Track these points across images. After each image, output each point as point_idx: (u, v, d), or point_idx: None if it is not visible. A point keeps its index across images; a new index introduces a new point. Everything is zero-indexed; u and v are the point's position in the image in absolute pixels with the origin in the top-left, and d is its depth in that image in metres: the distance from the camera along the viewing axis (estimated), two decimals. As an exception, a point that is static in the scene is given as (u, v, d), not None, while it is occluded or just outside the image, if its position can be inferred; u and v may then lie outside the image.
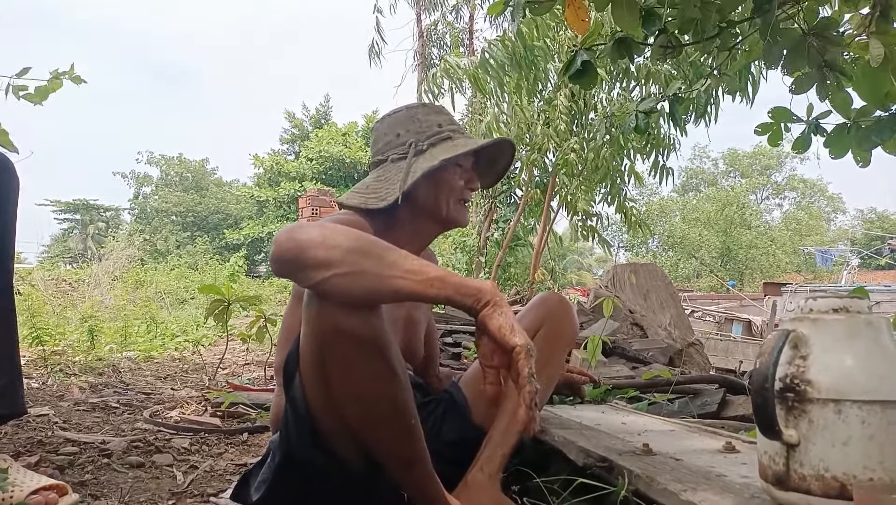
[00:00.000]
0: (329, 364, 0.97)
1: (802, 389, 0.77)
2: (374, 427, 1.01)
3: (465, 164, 1.34)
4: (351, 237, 0.90)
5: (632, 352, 3.37)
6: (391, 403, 0.98)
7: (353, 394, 0.98)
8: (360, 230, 0.96)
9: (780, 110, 1.90)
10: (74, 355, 3.88)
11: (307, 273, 0.89)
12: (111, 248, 12.12)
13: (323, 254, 0.88)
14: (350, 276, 0.88)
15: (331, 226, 0.93)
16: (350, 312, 0.91)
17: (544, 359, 1.30)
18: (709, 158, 37.47)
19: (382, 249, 0.91)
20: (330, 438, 1.06)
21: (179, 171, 31.29)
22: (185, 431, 2.05)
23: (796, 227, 32.21)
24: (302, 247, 0.89)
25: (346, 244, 0.89)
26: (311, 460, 1.07)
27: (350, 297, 0.90)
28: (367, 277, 0.88)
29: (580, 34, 1.92)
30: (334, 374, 0.97)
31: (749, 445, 1.23)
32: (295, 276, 0.92)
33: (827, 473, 0.75)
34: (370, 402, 0.98)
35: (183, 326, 6.32)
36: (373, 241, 0.92)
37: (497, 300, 0.91)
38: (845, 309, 0.82)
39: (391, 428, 1.00)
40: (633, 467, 1.01)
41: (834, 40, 1.72)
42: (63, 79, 2.36)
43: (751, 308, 13.56)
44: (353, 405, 0.99)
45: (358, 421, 1.01)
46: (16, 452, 1.65)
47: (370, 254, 0.89)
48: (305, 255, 0.88)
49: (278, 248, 0.91)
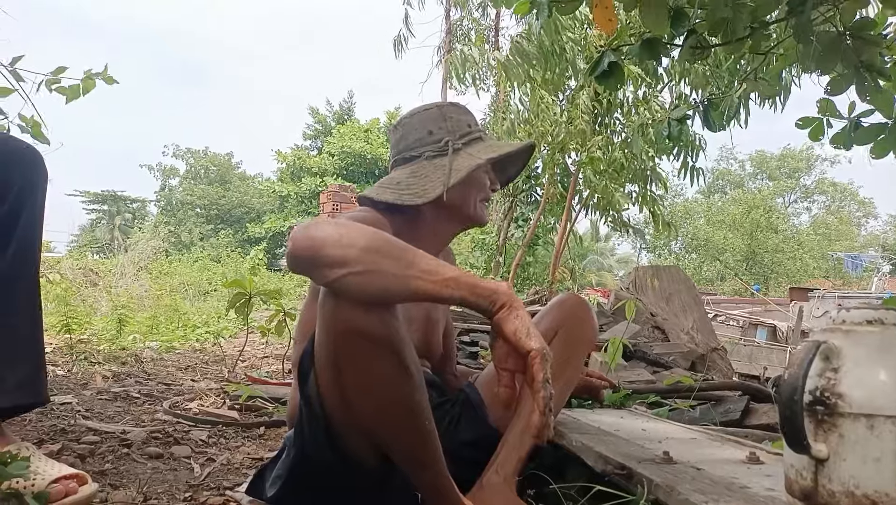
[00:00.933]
0: (343, 363, 0.96)
1: (833, 403, 0.74)
2: (388, 427, 1.00)
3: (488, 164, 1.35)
4: (368, 236, 0.90)
5: (653, 356, 3.33)
6: (405, 403, 0.98)
7: (368, 394, 0.97)
8: (378, 228, 0.95)
9: (826, 104, 1.87)
10: (99, 344, 3.95)
11: (322, 271, 0.88)
12: (137, 239, 12.33)
13: (339, 252, 0.87)
14: (366, 274, 0.87)
15: (348, 223, 0.92)
16: (365, 311, 0.91)
17: (563, 362, 1.28)
18: (735, 160, 36.93)
19: (399, 249, 0.90)
20: (344, 436, 1.05)
21: (205, 164, 31.75)
22: (204, 424, 2.07)
23: (825, 232, 31.58)
24: (318, 244, 0.88)
25: (362, 242, 0.88)
26: (324, 459, 1.07)
27: (365, 295, 0.89)
28: (383, 277, 0.88)
29: (608, 34, 1.89)
30: (348, 373, 0.97)
31: (774, 456, 1.19)
32: (310, 273, 0.91)
33: (857, 490, 0.72)
34: (384, 402, 0.97)
35: (205, 317, 6.40)
36: (390, 240, 0.91)
37: (513, 303, 0.90)
38: (880, 321, 0.79)
39: (405, 429, 1.00)
40: (653, 476, 0.99)
41: (871, 40, 1.68)
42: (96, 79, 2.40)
43: (776, 313, 13.33)
44: (368, 405, 0.99)
45: (372, 421, 1.00)
46: (39, 440, 1.68)
47: (387, 253, 0.89)
48: (321, 252, 0.88)
49: (294, 245, 0.90)
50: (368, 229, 0.92)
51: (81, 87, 2.37)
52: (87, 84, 2.37)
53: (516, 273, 7.99)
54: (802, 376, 0.74)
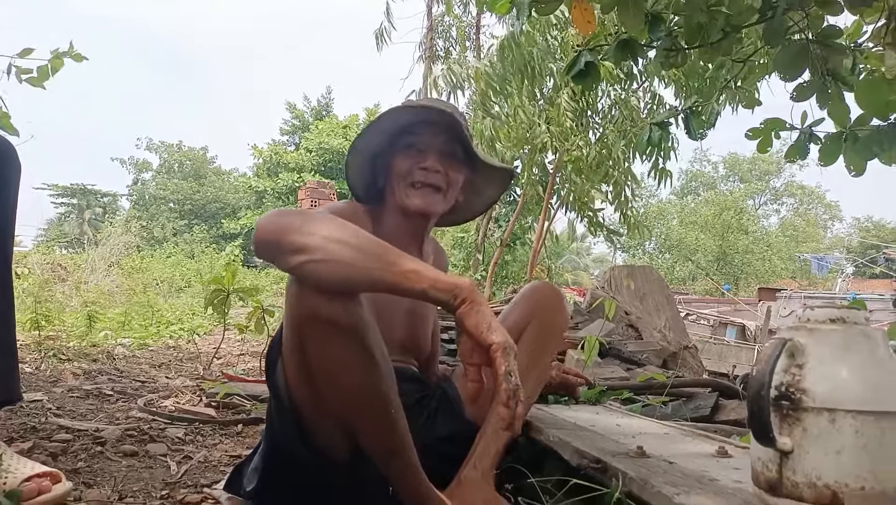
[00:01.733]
0: (308, 348, 0.98)
1: (798, 398, 0.78)
2: (355, 414, 1.01)
3: (418, 145, 1.27)
4: (331, 226, 0.91)
5: (627, 353, 3.38)
6: (370, 391, 0.99)
7: (332, 380, 0.99)
8: (353, 221, 0.97)
9: (772, 120, 1.92)
10: (69, 340, 3.88)
11: (285, 257, 0.91)
12: (108, 234, 12.08)
13: (301, 239, 0.89)
14: (326, 262, 0.89)
15: (314, 214, 0.94)
16: (328, 299, 0.92)
17: (536, 351, 1.29)
18: (709, 162, 37.55)
19: (363, 240, 0.92)
20: (314, 426, 1.06)
21: (179, 158, 31.21)
22: (180, 421, 2.05)
23: (793, 234, 32.32)
24: (281, 231, 0.91)
25: (324, 232, 0.90)
26: (295, 450, 1.08)
27: (326, 283, 0.91)
28: (344, 266, 0.89)
29: (585, 35, 1.92)
30: (313, 359, 0.98)
31: (742, 450, 1.23)
32: (274, 258, 0.93)
33: (819, 481, 0.76)
34: (348, 389, 0.98)
35: (179, 314, 6.31)
36: (354, 231, 0.93)
37: (474, 298, 0.91)
38: (842, 319, 0.82)
39: (371, 416, 1.01)
40: (627, 469, 1.02)
41: (837, 48, 1.73)
42: (64, 58, 2.34)
43: (745, 312, 13.62)
44: (333, 391, 1.00)
45: (339, 407, 1.02)
46: (9, 438, 1.65)
47: (349, 243, 0.90)
48: (284, 238, 0.90)
49: (259, 231, 0.93)
50: (334, 220, 0.93)
51: (50, 66, 2.31)
52: (55, 63, 2.32)
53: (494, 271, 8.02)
54: (769, 372, 0.77)
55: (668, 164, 6.02)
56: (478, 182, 1.40)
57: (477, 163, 1.35)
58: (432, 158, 1.27)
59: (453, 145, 1.30)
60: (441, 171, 1.27)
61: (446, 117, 1.27)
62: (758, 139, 1.96)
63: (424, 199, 1.27)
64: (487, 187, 1.42)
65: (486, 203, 1.46)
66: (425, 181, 1.26)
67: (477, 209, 1.47)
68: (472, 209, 1.46)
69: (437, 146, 1.28)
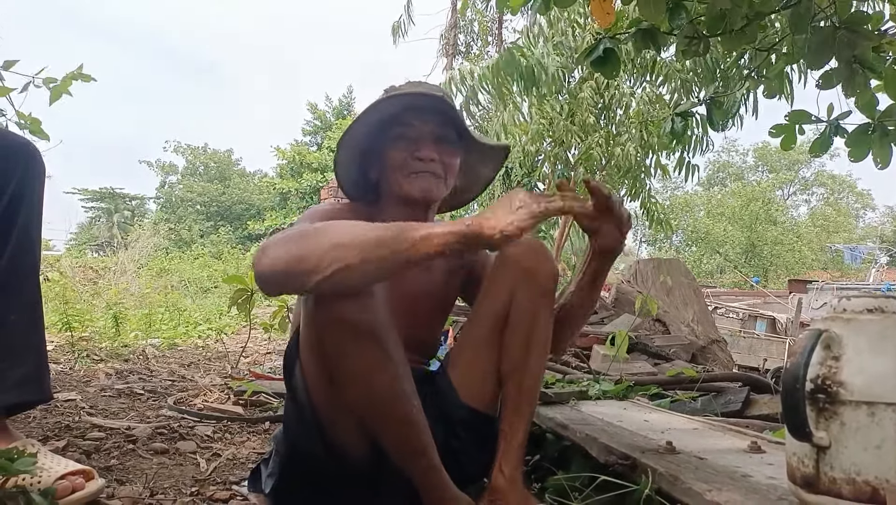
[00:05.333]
0: (328, 351, 0.98)
1: (834, 391, 0.75)
2: (376, 415, 1.01)
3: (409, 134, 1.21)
4: (327, 234, 0.90)
5: (654, 348, 3.34)
6: (391, 391, 0.98)
7: (352, 381, 0.98)
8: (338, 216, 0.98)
9: (796, 113, 1.86)
10: (101, 341, 3.96)
11: (298, 284, 0.90)
12: (137, 237, 12.31)
13: (306, 263, 0.88)
14: (339, 273, 0.88)
15: (303, 230, 0.92)
16: (346, 300, 0.92)
17: (530, 322, 1.17)
18: (737, 152, 36.85)
19: (362, 233, 0.90)
20: (333, 428, 1.06)
21: (204, 160, 31.71)
22: (209, 419, 2.08)
23: (823, 224, 31.56)
24: (283, 263, 0.89)
25: (323, 244, 0.88)
26: (314, 451, 1.09)
27: (344, 290, 0.91)
28: (356, 269, 0.88)
29: (604, 26, 1.89)
30: (333, 361, 0.98)
31: (775, 445, 1.20)
32: (286, 289, 0.93)
33: (859, 477, 0.73)
34: (370, 390, 0.98)
35: (206, 314, 6.41)
36: (350, 228, 0.91)
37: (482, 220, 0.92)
38: (880, 309, 0.79)
39: (392, 416, 1.00)
40: (657, 466, 1.00)
41: (865, 35, 1.67)
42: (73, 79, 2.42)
43: (775, 305, 13.34)
44: (353, 392, 1.00)
45: (360, 408, 1.02)
46: (44, 437, 1.69)
47: (350, 244, 0.89)
48: (290, 270, 0.89)
49: (258, 273, 0.91)
50: (326, 226, 0.92)
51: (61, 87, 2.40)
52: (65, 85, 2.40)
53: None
54: (804, 365, 0.75)
55: (693, 159, 5.94)
56: (471, 162, 1.34)
57: (471, 143, 1.29)
58: (427, 147, 1.21)
59: (445, 129, 1.23)
60: (437, 158, 1.21)
61: (435, 101, 1.21)
62: (781, 136, 1.89)
63: (425, 184, 1.21)
64: (483, 167, 1.37)
65: (483, 183, 1.40)
66: (422, 171, 1.21)
67: (475, 190, 1.41)
68: (470, 191, 1.40)
69: (430, 133, 1.21)
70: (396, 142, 1.21)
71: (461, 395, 1.23)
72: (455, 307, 1.43)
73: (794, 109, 1.87)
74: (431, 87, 1.29)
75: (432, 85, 1.32)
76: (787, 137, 1.88)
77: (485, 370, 1.22)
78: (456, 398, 1.23)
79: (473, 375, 1.23)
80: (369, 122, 1.21)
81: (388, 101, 1.19)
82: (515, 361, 1.18)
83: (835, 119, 1.83)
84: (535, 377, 1.20)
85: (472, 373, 1.23)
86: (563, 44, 5.59)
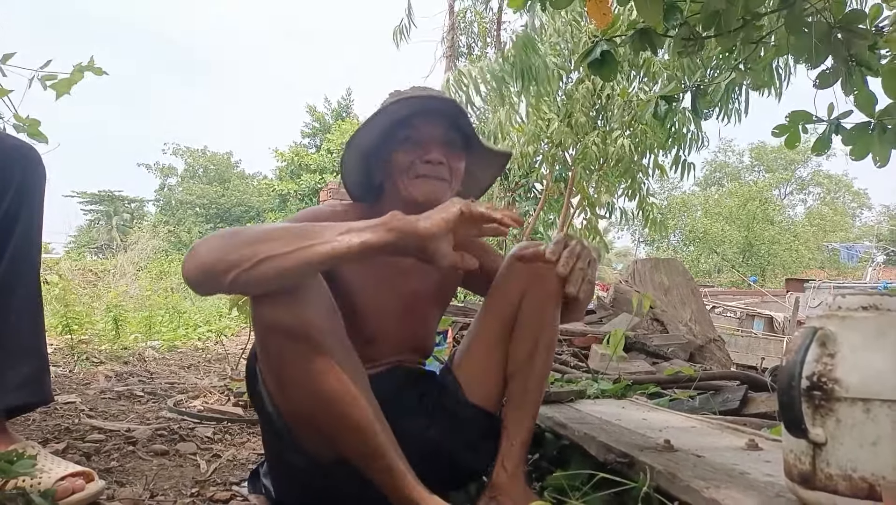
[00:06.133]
0: (272, 358, 0.98)
1: (830, 388, 0.76)
2: (323, 420, 1.00)
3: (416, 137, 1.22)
4: (252, 231, 0.91)
5: (652, 347, 3.35)
6: (332, 394, 0.97)
7: (296, 386, 0.98)
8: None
9: (797, 113, 1.87)
10: (100, 344, 3.96)
11: (215, 283, 0.90)
12: (136, 239, 12.30)
13: (225, 259, 0.88)
14: (256, 266, 0.88)
15: (232, 230, 0.93)
16: (274, 304, 0.92)
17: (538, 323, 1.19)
18: (734, 152, 36.91)
19: (282, 230, 0.91)
20: (299, 433, 1.06)
21: (203, 163, 31.70)
22: (209, 421, 2.08)
23: (820, 223, 31.62)
24: (200, 262, 0.89)
25: (243, 239, 0.89)
26: (286, 458, 1.10)
27: (266, 285, 0.91)
28: (273, 261, 0.88)
29: (601, 27, 1.90)
30: (277, 367, 0.99)
31: (772, 442, 1.21)
32: (208, 288, 0.92)
33: (855, 474, 0.74)
34: (313, 394, 0.97)
35: (206, 316, 6.41)
36: (277, 226, 0.92)
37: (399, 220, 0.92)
38: (875, 306, 0.80)
39: (340, 420, 0.99)
40: (655, 463, 1.00)
41: (861, 33, 1.68)
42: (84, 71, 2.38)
43: (772, 304, 13.37)
44: (299, 398, 0.99)
45: (309, 412, 1.00)
46: (44, 439, 1.69)
47: (270, 238, 0.89)
48: (213, 267, 0.89)
49: (184, 272, 0.91)
50: (258, 226, 0.94)
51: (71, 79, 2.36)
52: (75, 76, 2.36)
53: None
54: (800, 362, 0.76)
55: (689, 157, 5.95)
56: (472, 168, 1.34)
57: (476, 148, 1.30)
58: (435, 150, 1.21)
59: (452, 134, 1.24)
60: (444, 161, 1.22)
61: (444, 104, 1.22)
62: (784, 136, 1.90)
63: (429, 188, 1.21)
64: (484, 173, 1.38)
65: (482, 188, 1.41)
66: (430, 174, 1.21)
67: (474, 196, 1.40)
68: (470, 196, 1.37)
69: (438, 137, 1.22)
70: (404, 144, 1.22)
71: (467, 393, 1.24)
72: (452, 307, 1.43)
73: (796, 110, 1.88)
74: (435, 92, 1.29)
75: (436, 91, 1.32)
76: (790, 137, 1.90)
77: (492, 370, 1.23)
78: (462, 396, 1.24)
79: (480, 375, 1.24)
80: (379, 125, 1.22)
81: (397, 104, 1.20)
82: (522, 361, 1.20)
83: (835, 118, 1.84)
84: (541, 377, 1.22)
85: (479, 372, 1.24)
86: (560, 45, 5.61)
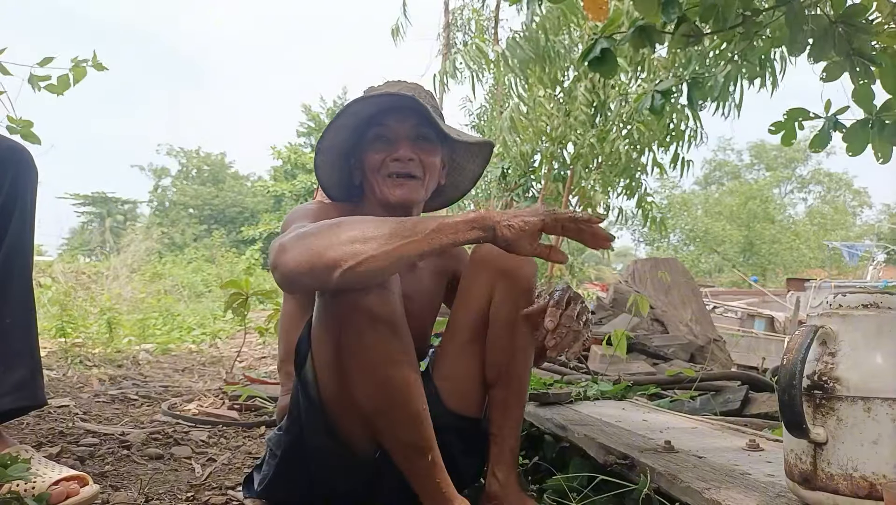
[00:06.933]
0: (344, 342, 0.98)
1: (831, 387, 0.75)
2: (386, 410, 1.01)
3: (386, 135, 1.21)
4: (346, 227, 0.92)
5: (652, 348, 3.34)
6: (404, 382, 0.99)
7: (365, 372, 0.99)
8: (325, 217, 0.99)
9: (794, 110, 1.85)
10: (94, 347, 3.94)
11: (322, 279, 0.91)
12: (129, 241, 12.24)
13: (327, 256, 0.90)
14: (361, 264, 0.90)
15: (320, 226, 0.94)
16: (367, 291, 0.95)
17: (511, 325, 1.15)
18: (733, 151, 36.94)
19: (377, 226, 0.93)
20: (340, 422, 1.06)
21: (197, 164, 31.65)
22: (204, 424, 2.07)
23: (821, 222, 31.65)
24: (306, 258, 0.91)
25: (343, 237, 0.91)
26: (320, 443, 1.08)
27: (368, 282, 0.93)
28: (376, 260, 0.91)
29: (599, 22, 1.89)
30: (349, 353, 0.99)
31: (773, 443, 1.20)
32: (310, 285, 0.96)
33: (855, 473, 0.73)
34: (384, 382, 0.99)
35: (200, 318, 6.38)
36: (367, 222, 0.94)
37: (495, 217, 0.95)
38: (875, 305, 0.79)
39: (403, 411, 1.00)
40: (655, 465, 0.99)
41: (862, 28, 1.68)
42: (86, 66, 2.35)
43: (774, 304, 13.35)
44: (366, 386, 1.00)
45: (370, 403, 1.01)
46: (38, 443, 1.67)
47: (370, 237, 0.91)
48: (316, 264, 0.90)
49: (287, 267, 0.91)
50: (334, 224, 0.94)
51: (71, 76, 2.32)
52: (77, 73, 2.33)
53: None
54: (800, 361, 0.75)
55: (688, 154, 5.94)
56: (458, 160, 1.33)
57: (451, 141, 1.27)
58: (404, 147, 1.19)
59: (424, 128, 1.22)
60: (415, 158, 1.20)
61: (410, 101, 1.18)
62: (781, 133, 1.89)
63: (402, 189, 1.20)
64: (469, 163, 1.36)
65: (471, 179, 1.39)
66: (400, 171, 1.20)
67: (464, 187, 1.40)
68: (459, 188, 1.40)
69: (407, 132, 1.21)
70: (374, 143, 1.22)
71: (446, 401, 1.21)
72: (443, 310, 1.42)
73: (793, 107, 1.87)
74: (406, 85, 1.28)
75: (409, 84, 1.31)
76: (786, 134, 1.88)
77: (469, 375, 1.21)
78: (441, 405, 1.20)
79: (457, 382, 1.22)
80: (345, 126, 1.21)
81: (363, 102, 1.19)
82: (500, 363, 1.18)
83: (833, 114, 1.83)
84: (522, 378, 1.20)
85: (455, 379, 1.22)
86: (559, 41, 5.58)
